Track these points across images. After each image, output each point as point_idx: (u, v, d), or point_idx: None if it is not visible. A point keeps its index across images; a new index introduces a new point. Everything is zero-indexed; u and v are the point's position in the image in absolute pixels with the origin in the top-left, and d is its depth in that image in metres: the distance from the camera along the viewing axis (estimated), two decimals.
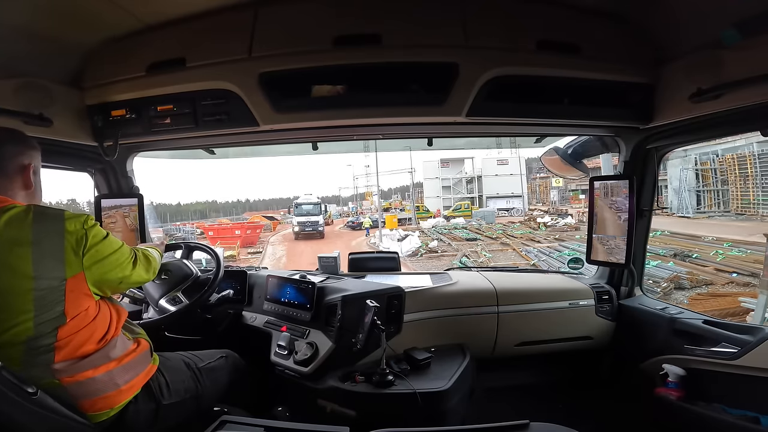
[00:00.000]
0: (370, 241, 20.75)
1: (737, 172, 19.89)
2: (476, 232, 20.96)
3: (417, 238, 18.24)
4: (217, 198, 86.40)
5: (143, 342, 1.43)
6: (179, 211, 59.89)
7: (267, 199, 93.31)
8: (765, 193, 18.69)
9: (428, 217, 30.45)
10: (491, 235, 19.96)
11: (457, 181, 41.63)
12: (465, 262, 13.39)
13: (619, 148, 2.24)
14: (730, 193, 20.49)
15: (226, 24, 1.71)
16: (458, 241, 18.13)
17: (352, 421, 1.70)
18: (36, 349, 1.15)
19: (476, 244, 17.30)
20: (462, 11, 1.66)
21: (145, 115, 1.86)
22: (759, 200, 18.93)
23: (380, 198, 31.99)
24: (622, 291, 2.43)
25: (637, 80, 1.77)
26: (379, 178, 30.92)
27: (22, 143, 1.31)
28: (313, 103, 1.75)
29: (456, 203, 35.85)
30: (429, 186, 42.09)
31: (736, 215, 19.26)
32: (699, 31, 1.53)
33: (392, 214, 30.91)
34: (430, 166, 41.72)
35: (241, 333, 2.21)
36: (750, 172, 19.26)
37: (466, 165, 41.45)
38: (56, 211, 1.23)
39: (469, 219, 28.41)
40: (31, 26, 1.50)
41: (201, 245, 2.24)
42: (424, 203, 38.39)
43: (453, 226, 24.33)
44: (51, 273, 1.17)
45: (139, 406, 1.33)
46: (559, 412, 2.20)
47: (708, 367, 1.86)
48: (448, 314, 2.25)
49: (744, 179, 19.59)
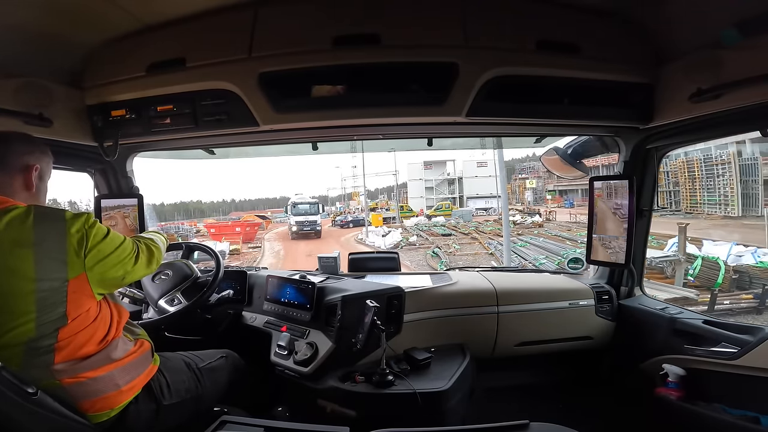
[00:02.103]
0: (357, 237, 23.45)
1: (686, 174, 21.74)
2: (452, 228, 24.06)
3: (399, 234, 21.82)
4: (202, 198, 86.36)
5: (144, 343, 1.43)
6: (163, 211, 59.31)
7: (253, 199, 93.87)
8: (710, 194, 20.57)
9: (411, 216, 33.06)
10: (465, 231, 22.94)
11: (440, 182, 43.72)
12: (437, 252, 16.42)
13: (619, 148, 2.24)
14: (681, 194, 22.37)
15: (226, 24, 1.71)
16: (435, 236, 21.08)
17: (352, 421, 1.70)
18: (36, 350, 1.14)
19: (449, 238, 20.23)
20: (461, 11, 1.66)
21: (145, 115, 1.85)
22: (704, 200, 20.98)
23: (367, 198, 34.25)
24: (622, 291, 2.43)
25: (637, 80, 1.77)
26: (366, 180, 33.30)
27: (29, 144, 1.32)
28: (313, 103, 1.74)
29: (438, 203, 38.52)
30: (413, 186, 44.17)
31: (685, 214, 20.77)
32: (699, 31, 1.53)
33: (378, 213, 33.10)
34: (414, 168, 43.85)
35: (241, 333, 2.21)
36: (697, 174, 21.12)
37: (448, 167, 43.61)
38: (57, 212, 1.22)
39: (448, 218, 30.75)
40: (31, 26, 1.51)
41: (201, 245, 2.24)
42: (409, 203, 40.74)
43: (433, 224, 27.09)
44: (53, 274, 1.16)
45: (139, 407, 1.32)
46: (559, 413, 2.20)
47: (708, 367, 1.85)
48: (448, 314, 2.25)
49: (692, 181, 21.56)
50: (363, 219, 28.73)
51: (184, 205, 58.35)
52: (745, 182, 19.32)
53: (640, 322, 2.25)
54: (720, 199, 20.05)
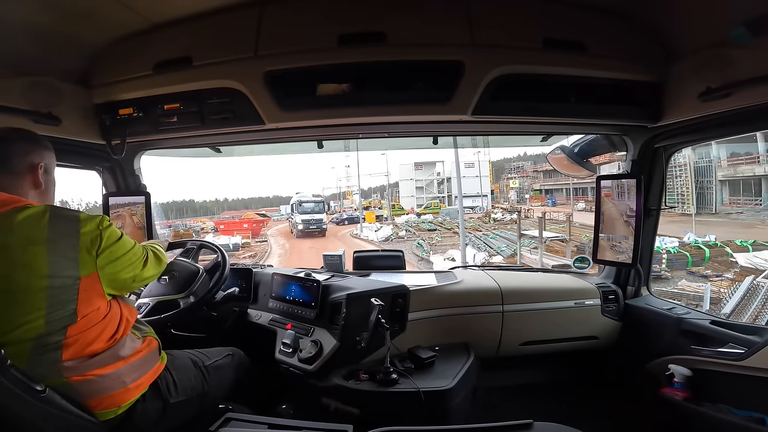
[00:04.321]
0: (353, 232, 26.93)
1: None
2: (437, 225, 27.41)
3: (390, 229, 25.62)
4: (194, 197, 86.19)
5: (152, 340, 1.44)
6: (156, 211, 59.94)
7: (246, 198, 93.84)
8: (669, 194, 21.96)
9: (402, 214, 36.33)
10: (448, 227, 26.13)
11: (429, 182, 45.92)
12: (421, 243, 19.71)
13: (626, 146, 2.22)
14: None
15: (232, 23, 1.72)
16: (422, 231, 24.70)
17: (356, 419, 1.71)
18: (44, 347, 1.15)
19: (434, 233, 23.69)
20: (468, 9, 1.65)
21: (152, 113, 1.87)
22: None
23: (361, 197, 38.64)
24: (629, 291, 2.41)
25: (645, 79, 1.75)
26: (360, 180, 36.36)
27: (33, 142, 1.32)
28: (319, 102, 1.75)
29: (428, 202, 40.97)
30: (404, 186, 46.34)
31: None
32: (708, 30, 1.52)
33: (371, 211, 36.01)
34: (405, 169, 46.11)
35: (246, 331, 2.22)
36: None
37: (437, 167, 45.41)
38: (72, 212, 1.25)
39: (437, 215, 33.26)
40: (39, 25, 1.52)
41: (207, 243, 2.25)
42: (400, 202, 43.17)
43: (421, 221, 30.30)
44: (65, 272, 1.18)
45: (146, 405, 1.33)
46: (563, 412, 2.20)
47: (714, 368, 1.84)
48: (453, 313, 2.25)
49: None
50: (358, 216, 32.09)
51: (176, 204, 58.63)
52: (699, 182, 22.22)
53: (646, 322, 2.23)
54: (677, 197, 21.83)
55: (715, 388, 1.84)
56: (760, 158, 21.29)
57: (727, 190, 22.73)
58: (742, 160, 22.12)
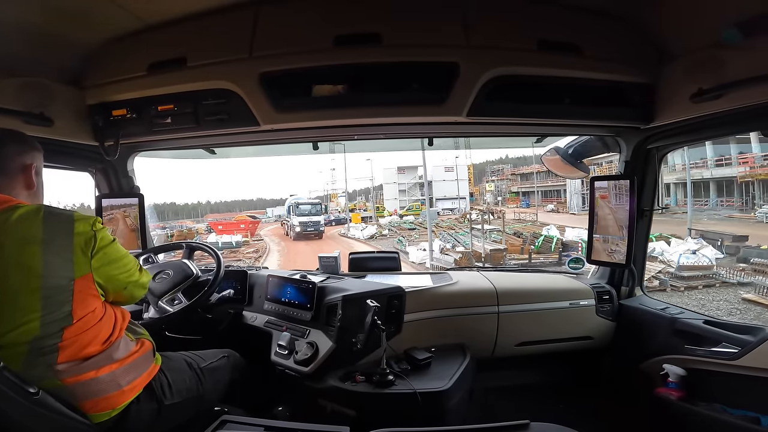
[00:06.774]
0: (340, 232, 29.86)
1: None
2: (417, 225, 29.84)
3: (374, 228, 28.42)
4: (175, 200, 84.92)
5: (146, 342, 1.43)
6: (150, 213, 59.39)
7: (229, 201, 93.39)
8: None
9: (386, 216, 39.01)
10: (426, 227, 27.04)
11: (412, 185, 48.00)
12: (401, 240, 22.31)
13: (619, 147, 2.24)
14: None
15: (227, 24, 1.71)
16: (403, 230, 27.37)
17: (353, 420, 1.70)
18: (40, 349, 1.14)
19: (413, 232, 26.10)
20: (462, 11, 1.66)
21: (145, 114, 1.86)
22: None
23: (347, 200, 41.29)
24: (623, 291, 2.43)
25: (637, 80, 1.77)
26: (347, 183, 38.99)
27: (24, 143, 1.31)
28: (314, 103, 1.75)
29: (410, 204, 43.70)
30: (388, 189, 49.24)
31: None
32: (700, 31, 1.53)
33: (357, 212, 39.21)
34: (389, 173, 48.67)
35: (241, 333, 2.21)
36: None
37: (419, 171, 46.78)
38: (66, 212, 1.24)
39: (418, 216, 35.30)
40: (32, 25, 1.51)
41: (202, 245, 2.24)
42: (384, 204, 46.12)
43: (403, 222, 32.84)
44: (59, 272, 1.17)
45: (141, 407, 1.32)
46: (559, 413, 2.20)
47: (708, 368, 1.86)
48: (449, 314, 2.25)
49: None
50: (344, 218, 34.80)
51: (157, 207, 58.05)
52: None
53: (640, 322, 2.25)
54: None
55: (709, 388, 1.86)
56: (707, 162, 23.95)
57: (681, 192, 25.03)
58: (694, 164, 23.81)
